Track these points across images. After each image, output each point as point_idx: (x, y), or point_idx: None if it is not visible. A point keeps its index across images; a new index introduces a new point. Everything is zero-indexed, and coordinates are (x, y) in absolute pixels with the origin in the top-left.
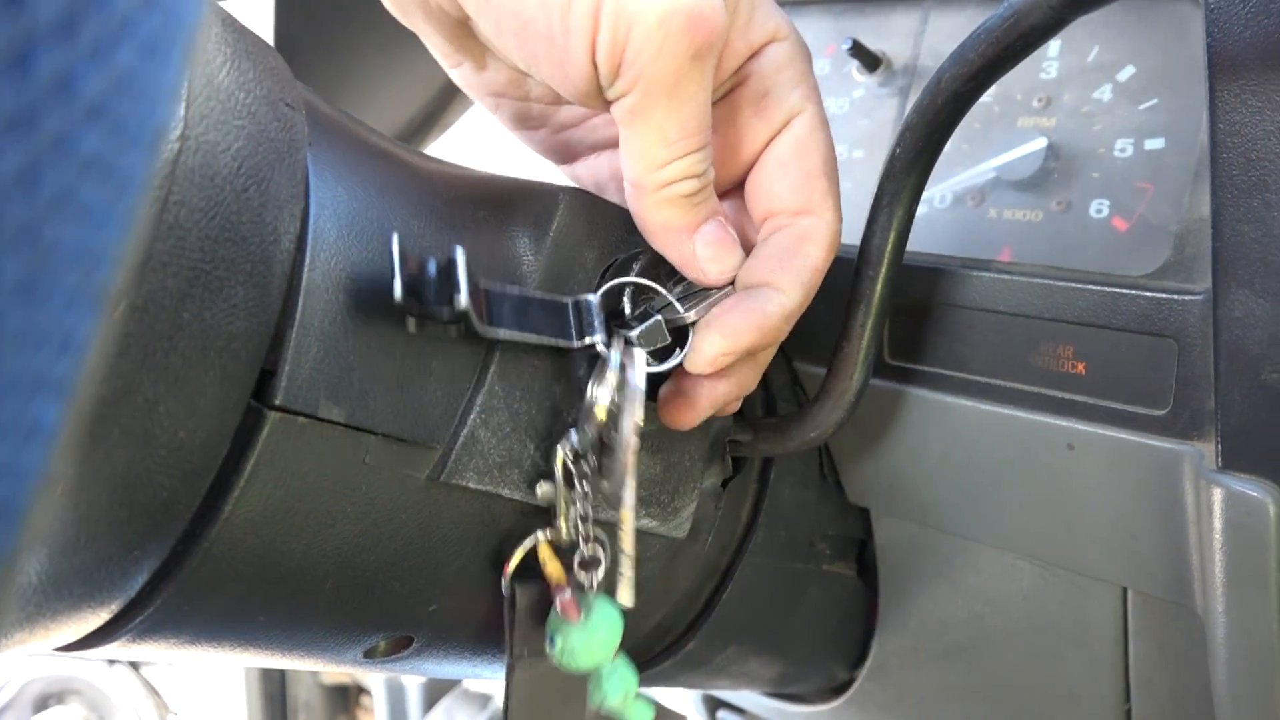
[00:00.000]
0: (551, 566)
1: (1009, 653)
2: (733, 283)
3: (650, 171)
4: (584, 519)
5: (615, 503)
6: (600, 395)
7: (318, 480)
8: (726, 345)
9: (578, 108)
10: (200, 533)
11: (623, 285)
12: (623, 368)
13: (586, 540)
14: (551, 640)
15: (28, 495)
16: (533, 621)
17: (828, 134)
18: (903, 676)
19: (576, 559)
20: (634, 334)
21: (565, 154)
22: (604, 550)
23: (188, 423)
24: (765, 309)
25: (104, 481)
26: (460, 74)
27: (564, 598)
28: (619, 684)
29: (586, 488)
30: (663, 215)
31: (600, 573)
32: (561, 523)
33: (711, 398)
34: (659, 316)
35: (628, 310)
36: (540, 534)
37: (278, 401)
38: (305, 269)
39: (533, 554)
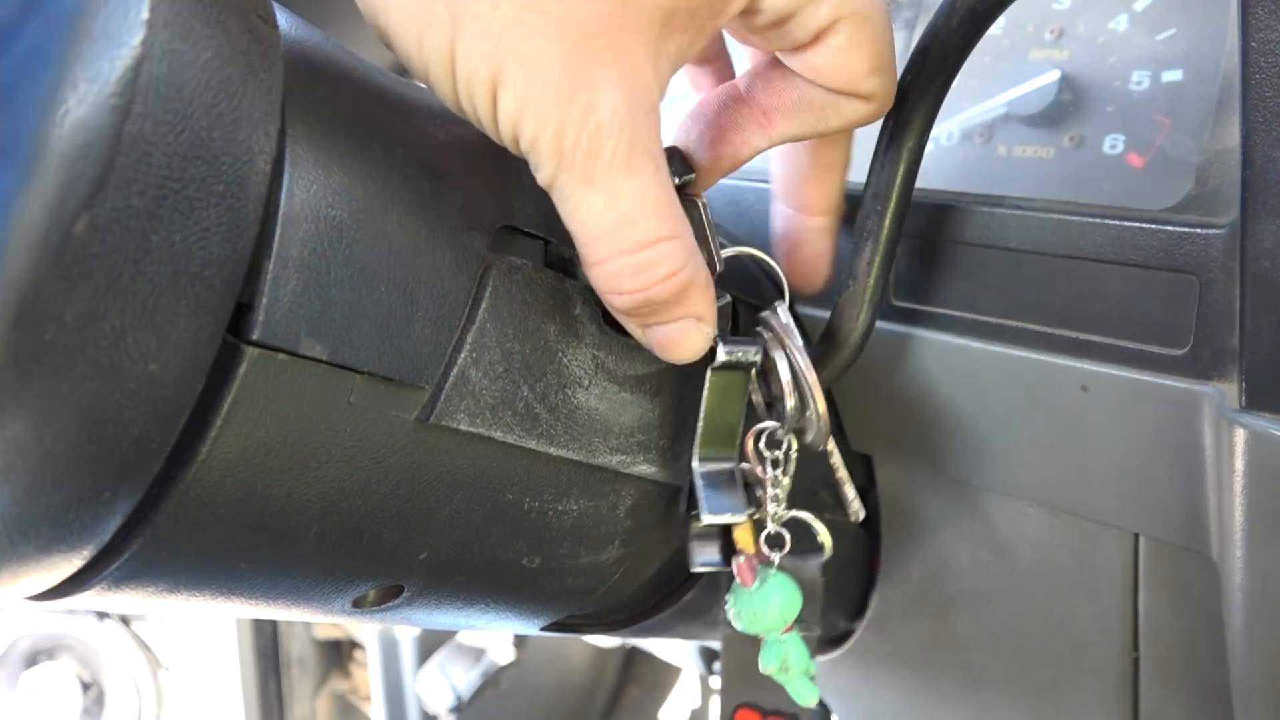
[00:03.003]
0: (741, 535)
1: (1014, 602)
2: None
3: (589, 259)
4: (776, 500)
5: (822, 440)
6: (782, 375)
7: (300, 421)
8: None
9: None
10: (176, 475)
11: None
12: (784, 346)
13: (776, 520)
14: (727, 602)
15: None
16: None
17: (872, 29)
18: (904, 627)
19: (763, 537)
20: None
21: None
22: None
23: (159, 355)
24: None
25: (69, 416)
26: None
27: (739, 562)
28: (778, 654)
29: (778, 472)
30: (608, 303)
31: (785, 550)
32: (768, 507)
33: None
34: (728, 296)
35: None
36: (746, 511)
37: (255, 337)
38: (283, 196)
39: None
